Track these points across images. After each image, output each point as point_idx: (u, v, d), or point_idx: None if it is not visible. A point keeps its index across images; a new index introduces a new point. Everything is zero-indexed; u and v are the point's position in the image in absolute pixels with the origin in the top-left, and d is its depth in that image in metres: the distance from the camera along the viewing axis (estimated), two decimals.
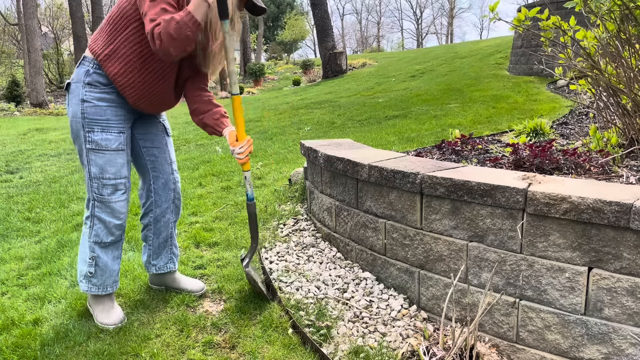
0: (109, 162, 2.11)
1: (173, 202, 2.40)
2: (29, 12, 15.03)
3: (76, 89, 2.08)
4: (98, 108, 2.07)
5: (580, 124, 4.26)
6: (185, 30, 1.89)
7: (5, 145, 7.57)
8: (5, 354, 2.01)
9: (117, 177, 2.14)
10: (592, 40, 2.82)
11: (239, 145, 2.15)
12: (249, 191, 2.30)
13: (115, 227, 2.17)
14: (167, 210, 2.39)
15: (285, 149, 5.86)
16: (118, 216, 2.17)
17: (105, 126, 2.09)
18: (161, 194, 2.36)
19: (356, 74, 15.98)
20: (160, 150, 2.34)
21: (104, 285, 2.21)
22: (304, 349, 1.99)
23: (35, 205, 4.11)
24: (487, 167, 2.28)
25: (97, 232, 2.16)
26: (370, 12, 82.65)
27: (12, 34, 22.25)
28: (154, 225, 2.40)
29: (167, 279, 2.46)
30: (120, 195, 2.16)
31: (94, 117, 2.07)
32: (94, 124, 2.08)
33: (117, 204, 2.16)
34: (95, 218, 2.15)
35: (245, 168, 2.25)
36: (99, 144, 2.09)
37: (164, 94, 2.18)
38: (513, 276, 1.85)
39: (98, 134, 2.08)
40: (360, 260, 2.59)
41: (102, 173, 2.11)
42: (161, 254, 2.42)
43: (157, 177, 2.35)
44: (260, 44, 30.41)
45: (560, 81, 7.51)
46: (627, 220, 1.54)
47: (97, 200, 2.13)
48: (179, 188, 2.42)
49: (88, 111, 2.07)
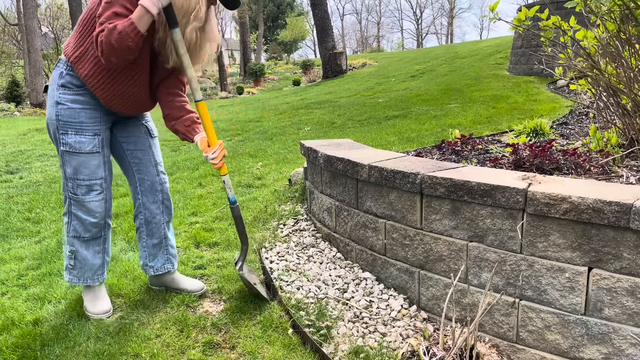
0: (82, 164, 2.13)
1: (162, 203, 2.38)
2: (29, 12, 15.04)
3: (51, 91, 2.11)
4: (72, 110, 2.08)
5: (580, 124, 4.26)
6: (127, 41, 1.87)
7: (5, 145, 7.57)
8: (5, 354, 2.01)
9: (92, 178, 2.16)
10: (592, 40, 2.82)
11: (211, 150, 2.13)
12: (230, 195, 2.28)
13: (91, 225, 2.20)
14: (156, 211, 2.38)
15: (285, 149, 5.87)
16: (94, 215, 2.19)
17: (78, 129, 2.10)
18: (149, 195, 2.35)
19: (356, 74, 15.98)
20: (144, 152, 2.32)
21: (84, 277, 2.27)
22: (303, 349, 1.99)
23: (35, 205, 4.11)
24: (487, 167, 2.28)
25: (74, 228, 2.21)
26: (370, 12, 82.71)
27: (12, 34, 22.26)
28: (146, 227, 2.40)
29: (166, 279, 2.46)
30: (96, 196, 2.18)
31: (67, 119, 2.09)
32: (67, 127, 2.09)
33: (91, 204, 2.17)
34: (72, 215, 2.19)
35: (222, 172, 2.23)
36: (72, 146, 2.10)
37: (138, 96, 2.16)
38: (513, 276, 1.85)
39: (72, 137, 2.09)
40: (360, 261, 2.59)
41: (76, 174, 2.13)
42: (157, 256, 2.42)
43: (143, 179, 2.34)
44: (260, 44, 30.42)
45: (560, 81, 7.51)
46: (627, 220, 1.54)
47: (72, 199, 2.17)
48: (167, 189, 2.41)
49: (62, 113, 2.08)
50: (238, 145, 6.55)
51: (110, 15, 1.89)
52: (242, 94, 17.37)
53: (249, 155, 5.66)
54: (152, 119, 2.44)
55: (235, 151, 6.05)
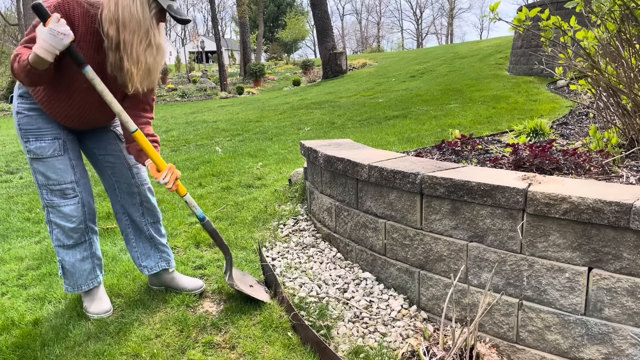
0: (49, 169, 2.13)
1: (141, 205, 2.35)
2: (29, 12, 15.05)
3: (14, 101, 2.14)
4: (29, 118, 2.10)
5: (580, 124, 4.26)
6: (23, 73, 1.84)
7: (5, 145, 7.57)
8: (5, 354, 2.01)
9: (61, 182, 2.15)
10: (593, 41, 2.82)
11: (161, 176, 2.09)
12: (197, 212, 2.26)
13: (71, 231, 2.20)
14: (136, 213, 2.36)
15: (285, 149, 5.87)
16: (71, 220, 2.19)
17: (38, 135, 2.11)
18: (127, 198, 2.34)
19: (356, 74, 15.99)
20: (116, 157, 2.30)
21: (77, 284, 2.29)
22: (303, 349, 1.99)
23: (35, 205, 4.11)
24: (487, 168, 2.28)
25: (57, 237, 2.22)
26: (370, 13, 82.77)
27: (12, 34, 22.27)
28: (132, 227, 2.39)
29: (165, 278, 2.46)
30: (70, 199, 2.17)
31: (26, 127, 2.10)
32: (28, 134, 2.11)
33: (66, 208, 2.17)
34: (52, 223, 2.21)
35: (181, 193, 2.20)
36: (34, 152, 2.12)
37: (81, 115, 2.12)
38: (513, 276, 1.85)
39: (33, 143, 2.11)
40: (360, 261, 2.59)
41: (46, 180, 2.14)
42: (149, 255, 2.42)
43: (119, 181, 2.32)
44: (260, 44, 30.42)
45: (560, 81, 7.51)
46: (627, 220, 1.54)
47: (49, 206, 2.18)
48: (145, 191, 2.34)
49: (21, 122, 2.11)
50: (238, 145, 6.55)
51: (27, 39, 1.91)
52: (242, 94, 17.37)
53: (249, 155, 5.66)
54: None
55: (235, 151, 6.05)
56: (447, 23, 60.36)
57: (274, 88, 18.56)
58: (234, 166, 5.09)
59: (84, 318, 2.26)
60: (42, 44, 1.76)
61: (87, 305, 2.30)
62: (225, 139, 7.26)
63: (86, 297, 2.32)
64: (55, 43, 1.77)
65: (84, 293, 2.32)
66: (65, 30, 1.79)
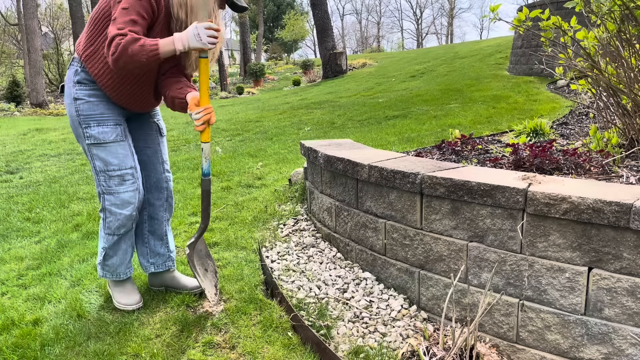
0: (110, 154, 2.15)
1: (166, 200, 2.41)
2: (29, 12, 15.04)
3: (68, 89, 2.15)
4: (90, 104, 2.12)
5: (580, 124, 4.26)
6: (142, 57, 1.91)
7: (5, 145, 7.57)
8: (5, 354, 2.01)
9: (122, 167, 2.17)
10: (593, 40, 2.82)
11: (196, 110, 2.07)
12: (205, 165, 2.19)
13: (125, 218, 2.22)
14: (160, 208, 2.40)
15: (285, 149, 5.86)
16: (127, 207, 2.20)
17: (100, 119, 2.13)
18: (153, 192, 2.38)
19: (356, 74, 15.99)
20: (153, 150, 2.36)
21: (117, 272, 2.32)
22: (303, 349, 1.99)
23: (35, 205, 4.11)
24: (487, 167, 2.28)
25: (109, 225, 2.23)
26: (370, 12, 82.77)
27: (12, 34, 22.25)
28: (149, 223, 2.41)
29: (167, 277, 2.47)
30: (129, 186, 2.19)
31: (88, 112, 2.12)
32: (89, 119, 2.12)
33: (125, 194, 2.19)
34: (106, 211, 2.21)
35: (203, 139, 2.15)
36: (97, 137, 2.13)
37: (143, 95, 2.21)
38: (513, 276, 1.85)
39: (95, 128, 2.13)
40: (360, 261, 2.59)
41: (106, 165, 2.15)
42: (159, 252, 2.43)
43: (149, 175, 2.36)
44: (260, 44, 30.41)
45: (561, 81, 7.51)
46: (627, 220, 1.54)
47: (106, 192, 2.19)
48: (171, 187, 2.44)
49: (81, 108, 2.12)
50: (238, 145, 6.55)
51: (128, 21, 1.93)
52: (242, 94, 17.37)
53: (249, 155, 5.66)
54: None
55: (235, 151, 6.05)
56: (447, 23, 60.37)
57: (274, 88, 18.56)
58: (234, 166, 5.09)
59: (84, 318, 2.26)
60: (182, 43, 1.94)
61: (118, 297, 2.32)
62: (225, 138, 7.26)
63: (117, 288, 2.34)
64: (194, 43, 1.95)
65: (114, 286, 2.35)
66: (211, 42, 1.97)
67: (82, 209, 3.90)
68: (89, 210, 3.84)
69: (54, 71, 21.53)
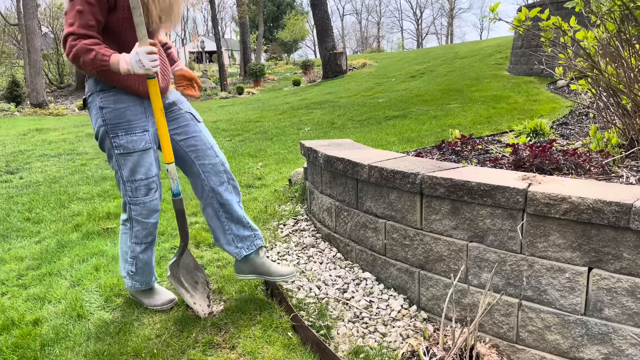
0: (138, 164, 2.13)
1: (228, 182, 2.31)
2: (29, 12, 15.03)
3: (92, 100, 2.11)
4: (117, 111, 2.08)
5: (580, 124, 4.26)
6: (92, 69, 1.93)
7: (5, 145, 7.57)
8: (5, 354, 2.01)
9: (148, 176, 2.16)
10: (592, 41, 2.82)
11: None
12: (173, 186, 2.17)
13: (152, 226, 2.24)
14: (225, 192, 2.29)
15: (285, 149, 5.87)
16: (154, 214, 2.22)
17: (127, 128, 2.10)
18: (214, 179, 2.28)
19: (356, 74, 15.99)
20: (196, 138, 2.28)
21: (146, 281, 2.32)
22: (303, 349, 1.99)
23: (35, 205, 4.11)
24: (487, 168, 2.28)
25: (136, 234, 2.23)
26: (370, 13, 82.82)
27: (12, 34, 22.25)
28: (223, 210, 2.30)
29: (255, 262, 2.33)
30: (154, 194, 2.20)
31: (115, 121, 2.08)
32: (116, 128, 2.09)
33: (152, 203, 2.20)
34: (133, 221, 2.21)
35: (167, 160, 2.13)
36: (125, 146, 2.10)
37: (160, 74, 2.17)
38: (513, 276, 1.85)
39: (123, 137, 2.09)
40: (360, 261, 2.59)
41: (133, 175, 2.13)
42: (244, 236, 2.32)
43: (204, 164, 2.27)
44: (260, 44, 30.41)
45: (560, 81, 7.51)
46: (627, 220, 1.54)
47: (132, 203, 2.18)
48: (229, 168, 2.33)
49: (108, 117, 2.08)
50: (238, 146, 6.55)
51: (75, 14, 1.92)
52: (242, 94, 17.37)
53: (249, 156, 5.66)
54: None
55: (235, 151, 6.05)
56: (447, 23, 60.38)
57: (274, 88, 18.56)
58: (234, 166, 5.08)
59: (84, 318, 2.26)
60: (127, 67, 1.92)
61: (150, 301, 2.32)
62: (225, 139, 7.26)
63: (145, 294, 2.34)
64: (137, 70, 1.92)
65: (143, 294, 2.34)
66: (154, 65, 1.94)
67: (82, 209, 3.90)
68: (89, 211, 3.84)
69: (54, 71, 21.54)
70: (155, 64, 1.94)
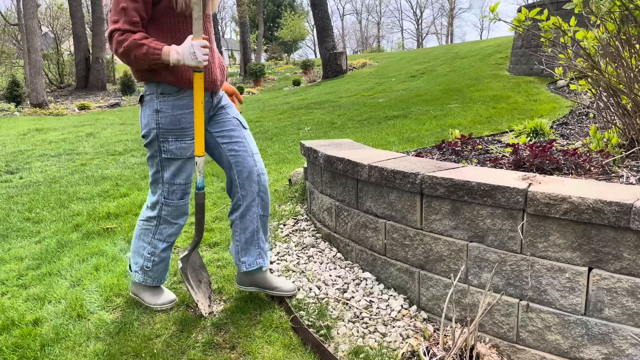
0: (181, 169, 2.18)
1: (258, 195, 2.30)
2: (29, 12, 15.02)
3: (150, 100, 2.12)
4: (173, 117, 2.10)
5: (581, 124, 4.26)
6: (145, 63, 1.98)
7: (5, 145, 7.57)
8: (5, 354, 2.01)
9: (188, 181, 2.22)
10: (592, 41, 2.82)
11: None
12: (199, 179, 2.19)
13: (179, 228, 2.30)
14: (252, 203, 2.29)
15: (285, 149, 5.87)
16: (183, 217, 2.28)
17: (179, 135, 2.13)
18: (246, 187, 2.29)
19: (356, 74, 15.99)
20: (240, 144, 2.29)
21: (159, 278, 2.35)
22: (304, 349, 1.99)
23: (35, 205, 4.11)
24: (487, 168, 2.28)
25: (161, 232, 2.27)
26: (370, 12, 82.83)
27: (12, 34, 22.25)
28: (240, 220, 2.31)
29: (257, 277, 2.36)
30: (186, 198, 2.26)
31: (168, 127, 2.11)
32: (168, 134, 2.11)
33: (184, 207, 2.26)
34: (161, 219, 2.25)
35: (197, 153, 2.16)
36: (174, 152, 2.14)
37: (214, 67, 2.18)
38: (513, 276, 1.85)
39: (173, 144, 2.13)
40: (360, 261, 2.59)
41: (174, 179, 2.18)
42: (249, 250, 2.33)
43: (241, 171, 2.28)
44: (260, 44, 30.41)
45: (560, 81, 7.51)
46: (627, 220, 1.54)
47: (166, 204, 2.21)
48: (265, 181, 2.32)
49: (162, 122, 2.10)
50: None
51: (120, 11, 1.96)
52: (242, 94, 17.38)
53: None
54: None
55: None
56: (447, 23, 60.37)
57: (274, 88, 18.55)
58: None
59: (84, 318, 2.26)
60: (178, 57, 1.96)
61: (152, 299, 2.34)
62: None
63: (148, 292, 2.36)
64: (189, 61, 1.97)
65: (144, 290, 2.36)
66: (205, 59, 1.98)
67: (82, 209, 3.90)
68: (89, 210, 3.84)
69: (54, 71, 21.53)
70: (207, 57, 1.99)
